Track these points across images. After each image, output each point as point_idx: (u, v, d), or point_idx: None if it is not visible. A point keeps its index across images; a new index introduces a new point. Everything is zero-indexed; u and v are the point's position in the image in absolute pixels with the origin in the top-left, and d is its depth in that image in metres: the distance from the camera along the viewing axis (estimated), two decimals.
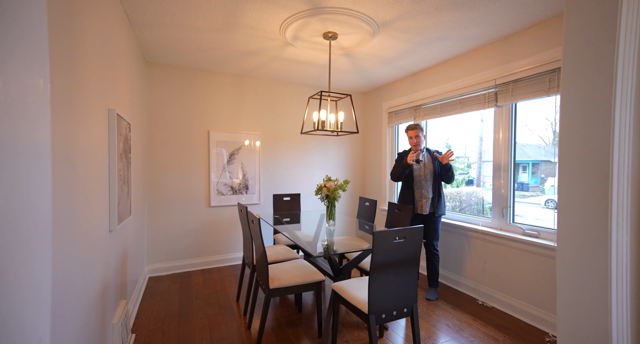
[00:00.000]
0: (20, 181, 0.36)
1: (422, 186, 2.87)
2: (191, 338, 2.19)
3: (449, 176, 2.80)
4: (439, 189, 2.87)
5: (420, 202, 2.86)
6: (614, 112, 0.94)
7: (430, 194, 2.85)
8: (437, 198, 2.84)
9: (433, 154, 2.92)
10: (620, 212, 0.95)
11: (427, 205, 2.82)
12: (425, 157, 2.91)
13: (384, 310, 1.73)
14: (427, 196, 2.84)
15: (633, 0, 0.93)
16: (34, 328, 0.39)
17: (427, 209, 2.82)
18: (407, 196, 2.95)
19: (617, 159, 0.95)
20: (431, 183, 2.87)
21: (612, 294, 0.95)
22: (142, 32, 2.54)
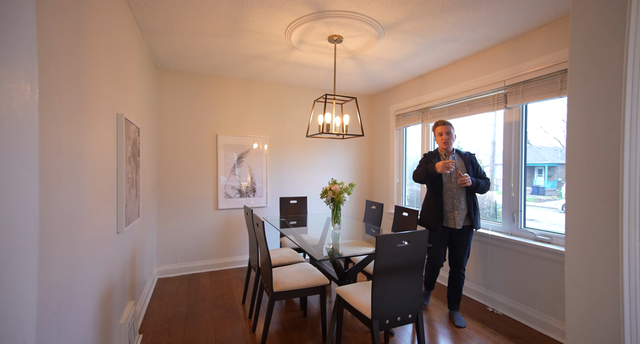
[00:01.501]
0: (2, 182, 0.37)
1: (454, 195, 2.39)
2: (196, 339, 2.20)
3: (482, 187, 2.39)
4: (474, 199, 2.42)
5: (451, 214, 2.39)
6: (624, 113, 0.90)
7: (464, 205, 2.38)
8: (473, 210, 2.39)
9: (465, 156, 2.48)
10: (632, 217, 0.91)
11: (460, 218, 2.37)
12: (457, 161, 2.45)
13: (387, 316, 1.70)
14: (460, 207, 2.38)
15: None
16: (20, 329, 0.40)
17: (460, 222, 2.36)
18: (433, 206, 2.45)
19: (628, 162, 0.91)
20: (464, 192, 2.39)
21: (625, 304, 0.90)
22: (152, 39, 2.61)
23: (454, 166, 2.34)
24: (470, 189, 2.37)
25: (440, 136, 2.49)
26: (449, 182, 2.43)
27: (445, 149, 2.49)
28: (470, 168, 2.43)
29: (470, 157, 2.49)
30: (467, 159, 2.46)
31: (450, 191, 2.42)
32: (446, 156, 2.48)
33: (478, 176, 2.45)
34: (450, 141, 2.46)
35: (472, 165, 2.45)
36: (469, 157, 2.49)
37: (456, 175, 2.39)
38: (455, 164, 2.41)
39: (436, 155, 2.53)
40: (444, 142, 2.46)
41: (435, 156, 2.53)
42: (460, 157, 2.48)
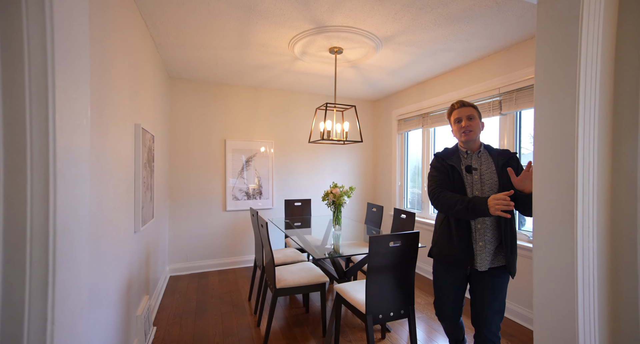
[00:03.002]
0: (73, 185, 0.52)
1: (477, 219, 1.51)
2: (205, 332, 2.37)
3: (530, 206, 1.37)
4: (510, 226, 1.49)
5: (472, 248, 1.51)
6: (577, 128, 1.02)
7: (492, 234, 1.50)
8: (510, 242, 1.48)
9: (497, 157, 1.58)
10: (586, 221, 1.02)
11: (486, 254, 1.49)
12: (483, 160, 1.58)
13: (380, 311, 1.82)
14: (485, 238, 1.49)
15: (592, 28, 1.01)
16: (79, 299, 0.55)
17: (486, 261, 1.48)
18: (446, 236, 1.60)
19: (582, 172, 1.02)
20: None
21: (579, 297, 1.01)
22: (166, 52, 2.81)
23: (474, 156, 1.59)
24: (521, 198, 1.41)
25: (458, 123, 1.60)
26: (470, 196, 1.54)
27: (466, 142, 1.59)
28: (506, 174, 1.50)
29: (507, 157, 1.55)
30: (501, 158, 1.55)
31: None
32: (469, 154, 1.59)
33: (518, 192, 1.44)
34: (475, 130, 1.56)
35: (507, 167, 1.51)
36: (503, 155, 1.56)
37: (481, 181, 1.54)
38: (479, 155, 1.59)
39: (454, 155, 1.62)
40: (463, 132, 1.56)
41: (452, 156, 1.63)
42: (489, 155, 1.59)
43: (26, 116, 0.48)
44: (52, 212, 0.48)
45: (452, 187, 1.59)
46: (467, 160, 1.61)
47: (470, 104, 1.61)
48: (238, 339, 2.29)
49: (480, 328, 1.53)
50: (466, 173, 1.56)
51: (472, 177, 1.55)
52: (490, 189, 1.52)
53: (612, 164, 1.08)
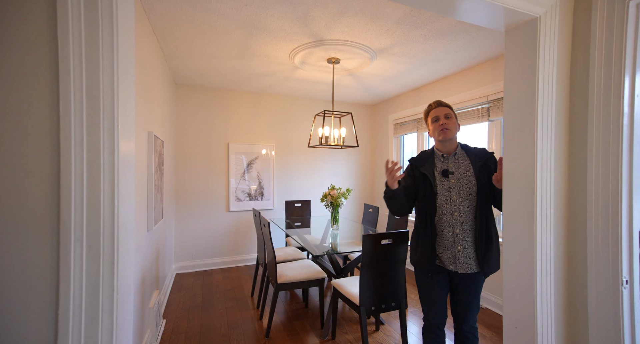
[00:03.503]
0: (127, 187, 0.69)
1: (454, 222, 1.49)
2: (211, 325, 2.54)
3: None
4: (488, 227, 1.48)
5: (449, 252, 1.50)
6: (536, 139, 1.19)
7: (471, 238, 1.48)
8: (485, 245, 1.46)
9: (475, 156, 1.55)
10: (544, 220, 1.19)
11: (464, 258, 1.47)
12: (460, 162, 1.55)
13: (373, 303, 1.99)
14: (464, 242, 1.47)
15: (547, 55, 1.18)
16: (130, 278, 0.72)
17: (465, 265, 1.47)
18: (424, 240, 1.55)
19: (540, 177, 1.19)
20: (471, 215, 1.48)
21: (537, 284, 1.18)
22: (174, 61, 2.99)
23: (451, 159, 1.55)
24: (483, 212, 1.47)
25: (435, 122, 1.57)
26: (447, 201, 1.50)
27: (443, 141, 1.55)
28: (483, 173, 1.49)
29: (484, 157, 1.53)
30: (479, 159, 1.52)
31: (448, 213, 1.50)
32: (445, 158, 1.56)
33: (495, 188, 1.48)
34: (452, 128, 1.54)
35: (485, 168, 1.50)
36: (481, 156, 1.53)
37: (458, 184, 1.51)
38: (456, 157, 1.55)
39: (429, 160, 1.60)
40: (442, 130, 1.53)
41: (426, 162, 1.60)
42: (467, 156, 1.56)
43: (100, 124, 0.65)
44: (116, 211, 0.65)
45: (414, 195, 1.61)
46: (444, 164, 1.55)
47: (446, 104, 1.59)
48: (242, 331, 2.46)
49: (460, 324, 1.59)
50: (443, 178, 1.53)
51: (449, 182, 1.52)
52: (469, 193, 1.49)
53: (569, 171, 1.25)
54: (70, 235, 0.61)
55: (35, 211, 0.59)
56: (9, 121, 0.57)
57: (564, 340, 1.23)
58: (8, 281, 0.57)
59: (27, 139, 0.59)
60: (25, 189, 0.58)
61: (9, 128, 0.57)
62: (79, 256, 0.61)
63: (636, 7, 1.08)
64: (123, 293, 0.67)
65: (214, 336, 2.37)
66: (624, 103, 1.09)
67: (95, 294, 0.62)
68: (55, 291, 0.60)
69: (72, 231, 0.61)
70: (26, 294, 0.58)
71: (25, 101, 0.58)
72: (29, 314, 0.58)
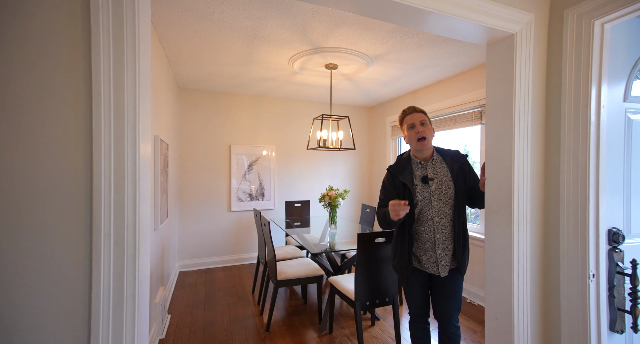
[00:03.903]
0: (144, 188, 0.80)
1: (435, 227, 1.55)
2: (214, 320, 2.66)
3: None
4: (465, 229, 1.58)
5: (430, 256, 1.56)
6: (514, 145, 1.30)
7: (451, 241, 1.56)
8: (462, 247, 1.55)
9: (450, 160, 1.61)
10: (520, 219, 1.30)
11: (445, 261, 1.55)
12: (438, 167, 1.60)
13: (367, 298, 2.10)
14: (444, 246, 1.55)
15: (524, 68, 1.29)
16: (147, 268, 0.84)
17: (446, 267, 1.55)
18: (402, 246, 1.62)
19: (517, 180, 1.30)
20: (450, 219, 1.56)
21: (514, 278, 1.29)
22: (178, 67, 3.11)
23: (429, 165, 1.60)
24: (477, 195, 1.57)
25: (412, 129, 1.58)
26: (428, 207, 1.56)
27: (420, 150, 1.59)
28: (460, 177, 1.56)
29: (461, 162, 1.60)
30: (456, 163, 1.59)
31: (428, 219, 1.56)
32: (423, 164, 1.61)
33: (473, 188, 1.59)
34: (428, 136, 1.57)
35: (462, 172, 1.58)
36: (458, 160, 1.60)
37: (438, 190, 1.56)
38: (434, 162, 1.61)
39: (407, 167, 1.62)
40: (419, 139, 1.56)
41: (405, 170, 1.62)
42: (444, 161, 1.61)
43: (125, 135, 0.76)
44: (137, 210, 0.76)
45: None
46: (422, 171, 1.59)
47: (421, 109, 1.62)
48: (243, 325, 2.57)
49: (443, 323, 1.64)
50: (423, 184, 1.56)
51: (429, 188, 1.56)
52: (448, 198, 1.55)
53: (545, 174, 1.36)
54: (101, 231, 0.72)
55: (72, 211, 0.71)
56: (50, 132, 0.68)
57: (540, 329, 1.34)
58: (51, 269, 0.69)
59: (64, 149, 0.70)
60: (64, 192, 0.70)
61: (49, 139, 0.69)
62: (107, 249, 0.73)
63: (601, 26, 1.19)
64: (142, 280, 0.79)
65: (216, 330, 2.49)
66: (591, 112, 1.20)
67: (121, 281, 0.74)
68: (88, 277, 0.71)
69: (102, 227, 0.72)
70: (66, 281, 0.69)
71: (64, 116, 0.69)
72: (68, 297, 0.69)
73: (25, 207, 0.67)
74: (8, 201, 0.66)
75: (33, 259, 0.67)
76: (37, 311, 0.67)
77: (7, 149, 0.65)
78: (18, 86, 0.66)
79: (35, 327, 0.67)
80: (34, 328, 0.66)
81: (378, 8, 1.13)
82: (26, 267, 0.66)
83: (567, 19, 1.26)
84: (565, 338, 1.26)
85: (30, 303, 0.66)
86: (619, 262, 1.28)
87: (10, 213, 0.66)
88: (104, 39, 0.70)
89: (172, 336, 2.40)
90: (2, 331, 0.64)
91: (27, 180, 0.67)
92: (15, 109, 0.66)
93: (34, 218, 0.67)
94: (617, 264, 1.28)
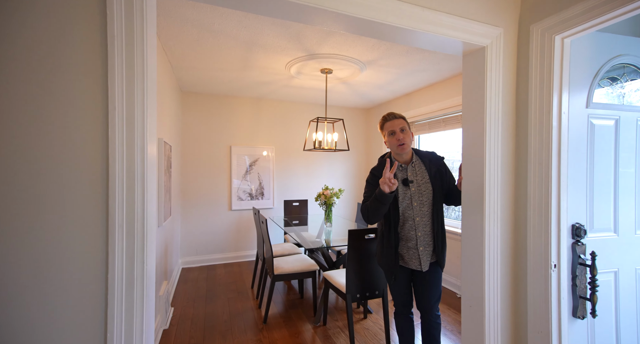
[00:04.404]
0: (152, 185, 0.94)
1: (417, 226, 1.68)
2: (215, 312, 2.80)
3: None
4: (443, 227, 1.72)
5: (412, 253, 1.69)
6: (485, 148, 1.43)
7: (431, 238, 1.69)
8: (441, 243, 1.70)
9: (428, 161, 1.74)
10: (491, 215, 1.43)
11: (426, 257, 1.69)
12: (418, 169, 1.72)
13: (357, 291, 2.23)
14: (425, 243, 1.68)
15: (494, 78, 1.42)
16: (153, 255, 0.97)
17: (427, 263, 1.69)
18: (388, 245, 1.73)
19: (488, 179, 1.43)
20: (430, 219, 1.69)
21: (485, 269, 1.42)
22: (181, 72, 3.25)
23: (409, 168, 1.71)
24: (455, 194, 1.72)
25: (392, 135, 1.69)
26: (409, 208, 1.69)
27: (400, 154, 1.71)
28: (437, 179, 1.69)
29: (437, 163, 1.74)
30: (433, 165, 1.72)
31: (410, 219, 1.69)
32: (403, 167, 1.73)
33: (450, 188, 1.73)
34: (407, 142, 1.68)
35: (439, 174, 1.70)
36: (435, 162, 1.73)
37: (418, 191, 1.69)
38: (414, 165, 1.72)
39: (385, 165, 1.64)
40: (400, 145, 1.67)
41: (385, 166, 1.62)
42: (422, 163, 1.74)
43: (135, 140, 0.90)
44: (145, 204, 0.90)
45: None
46: (403, 173, 1.72)
47: (400, 115, 1.72)
48: (242, 318, 2.71)
49: (425, 312, 1.78)
50: (403, 186, 1.68)
51: (410, 190, 1.68)
52: (427, 198, 1.69)
53: (516, 174, 1.49)
54: (115, 222, 0.86)
55: (92, 205, 0.85)
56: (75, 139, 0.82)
57: (510, 315, 1.47)
58: (74, 254, 0.83)
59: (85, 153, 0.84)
60: (85, 190, 0.84)
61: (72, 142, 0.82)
62: (120, 237, 0.86)
63: (561, 41, 1.31)
64: (149, 264, 0.93)
65: (217, 322, 2.63)
66: (553, 118, 1.33)
67: (132, 264, 0.87)
68: (105, 261, 0.85)
69: (116, 219, 0.86)
70: (86, 264, 0.83)
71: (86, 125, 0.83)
72: (88, 278, 0.83)
73: (51, 201, 0.81)
74: (37, 196, 0.80)
75: (60, 244, 0.81)
76: (63, 286, 0.81)
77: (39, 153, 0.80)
78: (48, 103, 0.80)
79: (62, 298, 0.81)
80: (61, 298, 0.81)
81: (368, 29, 1.26)
82: (54, 252, 0.80)
83: (532, 34, 1.39)
84: (531, 323, 1.39)
85: (57, 280, 0.81)
86: (581, 254, 1.40)
87: (40, 206, 0.80)
88: (118, 64, 0.84)
89: (175, 326, 2.54)
90: (37, 300, 0.78)
91: (54, 179, 0.81)
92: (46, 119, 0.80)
93: (60, 210, 0.81)
94: (579, 256, 1.40)
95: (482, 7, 1.39)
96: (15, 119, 0.77)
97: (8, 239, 0.77)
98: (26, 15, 0.78)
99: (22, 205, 0.78)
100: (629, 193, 1.49)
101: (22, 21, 0.78)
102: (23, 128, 0.78)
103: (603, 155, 1.46)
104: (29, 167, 0.79)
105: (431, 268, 1.72)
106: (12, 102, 0.77)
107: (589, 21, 1.21)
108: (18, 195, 0.78)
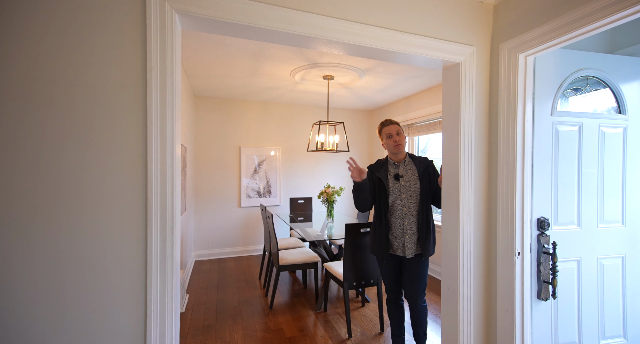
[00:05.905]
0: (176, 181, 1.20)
1: (404, 216, 1.93)
2: (226, 299, 3.07)
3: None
4: (428, 219, 1.93)
5: (399, 241, 1.93)
6: (460, 152, 1.64)
7: (416, 228, 1.92)
8: (425, 234, 1.90)
9: (419, 164, 2.00)
10: (465, 210, 1.64)
11: (411, 245, 1.91)
12: (409, 168, 1.99)
13: (354, 279, 2.46)
14: (411, 232, 1.91)
15: (467, 90, 1.62)
16: (177, 241, 1.23)
17: (411, 251, 1.90)
18: (380, 232, 1.97)
19: (462, 178, 1.64)
20: (416, 210, 1.93)
21: (460, 255, 1.63)
22: (195, 79, 3.54)
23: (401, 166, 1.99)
24: (424, 207, 1.93)
25: (389, 138, 1.99)
26: (398, 199, 1.95)
27: (396, 154, 2.01)
28: (425, 177, 1.95)
29: (426, 165, 1.99)
30: (422, 166, 1.98)
31: (399, 209, 1.94)
32: (396, 165, 2.01)
33: (437, 189, 1.94)
34: (403, 143, 1.98)
35: (427, 173, 1.96)
36: (424, 163, 2.00)
37: (407, 186, 1.96)
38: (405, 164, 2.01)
39: (384, 166, 2.05)
40: (396, 145, 1.96)
41: (382, 168, 2.04)
42: (413, 163, 2.00)
43: (167, 145, 1.15)
44: (174, 196, 1.16)
45: (374, 195, 2.01)
46: (395, 169, 2.01)
47: (396, 122, 2.04)
48: (250, 304, 2.97)
49: (412, 302, 1.99)
50: (395, 181, 1.98)
51: (399, 184, 1.97)
52: (415, 192, 1.94)
53: (488, 174, 1.69)
54: (152, 211, 1.11)
55: (135, 198, 1.10)
56: (123, 147, 1.08)
57: (482, 298, 1.68)
58: (120, 236, 1.08)
59: (130, 157, 1.09)
60: (130, 185, 1.10)
61: (119, 148, 1.08)
62: (155, 223, 1.12)
63: (524, 58, 1.51)
64: (176, 243, 1.18)
65: (228, 308, 2.90)
66: (518, 125, 1.53)
67: (164, 243, 1.13)
68: (144, 240, 1.11)
69: (152, 209, 1.11)
70: (130, 245, 1.09)
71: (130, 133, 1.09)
72: (131, 256, 1.09)
73: (108, 196, 1.07)
74: (94, 192, 1.06)
75: (114, 226, 1.07)
76: (112, 260, 1.07)
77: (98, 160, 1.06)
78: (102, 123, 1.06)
79: (114, 268, 1.07)
80: (113, 268, 1.07)
81: (359, 51, 1.48)
82: (109, 234, 1.06)
83: (501, 52, 1.59)
84: (499, 303, 1.59)
85: (107, 255, 1.07)
86: (545, 244, 1.60)
87: (95, 200, 1.05)
88: (154, 88, 1.09)
89: (191, 310, 2.82)
90: (93, 271, 1.05)
91: (108, 179, 1.07)
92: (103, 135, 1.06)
93: (115, 201, 1.07)
94: (543, 246, 1.60)
95: (456, 29, 1.60)
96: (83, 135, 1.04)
97: (77, 223, 1.03)
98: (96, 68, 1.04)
99: (88, 201, 1.04)
100: (591, 191, 1.68)
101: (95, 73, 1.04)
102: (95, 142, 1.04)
103: (567, 157, 1.65)
104: (95, 167, 1.05)
105: (416, 259, 1.93)
106: (77, 127, 1.03)
107: (547, 42, 1.41)
108: (86, 188, 1.04)
